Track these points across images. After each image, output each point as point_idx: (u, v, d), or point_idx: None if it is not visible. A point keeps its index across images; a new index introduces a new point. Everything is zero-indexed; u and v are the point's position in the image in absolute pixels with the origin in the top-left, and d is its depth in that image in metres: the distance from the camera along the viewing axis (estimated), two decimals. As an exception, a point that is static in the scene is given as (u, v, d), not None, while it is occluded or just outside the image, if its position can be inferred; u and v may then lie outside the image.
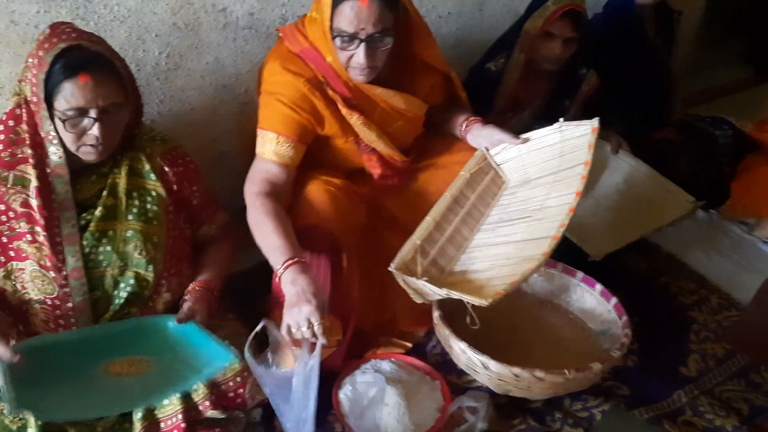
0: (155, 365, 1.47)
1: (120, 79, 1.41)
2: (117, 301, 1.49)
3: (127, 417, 1.45)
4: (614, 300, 1.76)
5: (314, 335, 1.39)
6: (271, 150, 1.63)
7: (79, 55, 1.35)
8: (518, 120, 2.16)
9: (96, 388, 1.40)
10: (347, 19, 1.51)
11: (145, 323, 1.50)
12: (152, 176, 1.53)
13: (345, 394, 1.63)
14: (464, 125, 1.87)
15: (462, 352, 1.58)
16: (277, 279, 1.49)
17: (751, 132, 2.36)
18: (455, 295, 1.47)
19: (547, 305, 1.90)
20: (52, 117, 1.37)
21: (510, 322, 1.84)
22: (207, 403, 1.46)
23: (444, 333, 1.62)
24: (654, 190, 2.16)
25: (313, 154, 1.72)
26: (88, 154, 1.41)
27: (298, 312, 1.39)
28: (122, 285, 1.48)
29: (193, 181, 1.61)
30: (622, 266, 2.12)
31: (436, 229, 1.67)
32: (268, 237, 1.53)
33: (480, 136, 1.84)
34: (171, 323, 1.49)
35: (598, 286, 1.81)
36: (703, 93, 3.21)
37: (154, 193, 1.53)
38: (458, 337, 1.58)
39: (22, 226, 1.40)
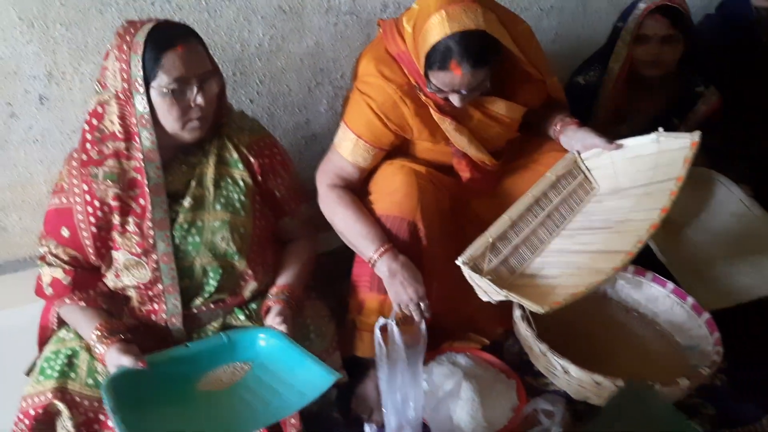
0: (248, 378, 1.46)
1: (206, 49, 1.46)
2: (207, 288, 1.53)
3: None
4: (706, 315, 1.68)
5: (422, 315, 1.50)
6: (349, 150, 1.65)
7: (168, 29, 1.40)
8: (616, 135, 2.09)
9: (195, 410, 1.38)
10: (441, 82, 1.51)
11: (236, 337, 1.51)
12: (240, 166, 1.55)
13: (423, 386, 1.64)
14: (558, 126, 1.80)
15: (542, 354, 1.55)
16: (371, 265, 1.52)
17: None
18: (514, 297, 1.44)
19: (632, 314, 1.84)
20: (148, 98, 1.40)
21: (593, 328, 1.80)
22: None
23: (525, 333, 1.60)
24: None
25: (400, 148, 1.72)
26: (193, 130, 1.45)
27: (404, 293, 1.50)
28: (211, 274, 1.52)
29: (278, 173, 1.62)
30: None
31: (511, 228, 1.64)
32: (353, 226, 1.57)
33: (573, 138, 1.77)
34: (262, 335, 1.49)
35: (690, 299, 1.74)
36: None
37: (241, 183, 1.55)
38: (539, 339, 1.56)
39: (116, 218, 1.45)
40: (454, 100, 1.54)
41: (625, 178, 1.72)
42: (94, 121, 1.43)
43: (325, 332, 1.59)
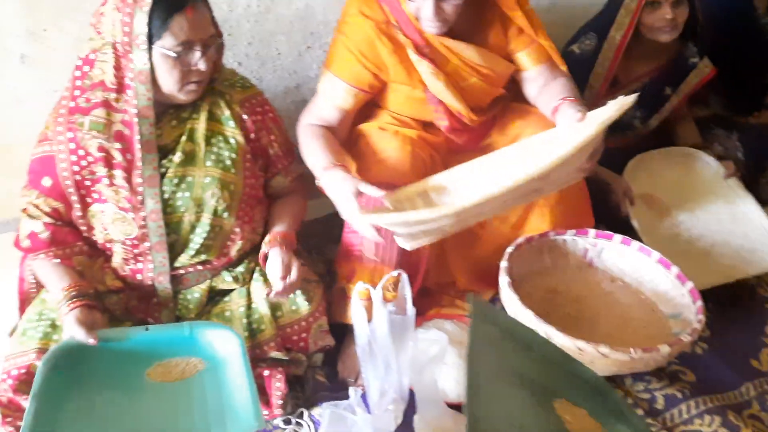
0: (196, 379, 1.40)
1: (211, 12, 1.43)
2: (192, 245, 1.52)
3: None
4: (690, 284, 1.70)
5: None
6: (328, 90, 1.64)
7: None
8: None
9: (138, 400, 1.34)
10: None
11: (198, 331, 1.45)
12: (231, 123, 1.54)
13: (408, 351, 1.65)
14: (555, 108, 1.65)
15: (527, 321, 1.56)
16: (317, 183, 1.53)
17: None
18: (389, 218, 1.42)
19: (617, 282, 1.85)
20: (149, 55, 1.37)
21: (578, 296, 1.82)
22: (272, 343, 1.51)
23: (511, 300, 1.61)
24: (756, 232, 2.02)
25: (386, 101, 1.71)
26: (190, 92, 1.43)
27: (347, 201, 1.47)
28: (198, 230, 1.52)
29: (271, 130, 1.62)
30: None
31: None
32: (312, 147, 1.57)
33: (564, 117, 1.62)
34: (225, 336, 1.44)
35: (674, 269, 1.75)
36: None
37: (232, 140, 1.54)
38: (524, 305, 1.57)
39: (100, 170, 1.43)
40: (427, 8, 1.50)
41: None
42: (86, 68, 1.41)
43: (312, 296, 1.60)
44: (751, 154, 2.19)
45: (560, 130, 1.60)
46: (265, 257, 1.54)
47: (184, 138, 1.49)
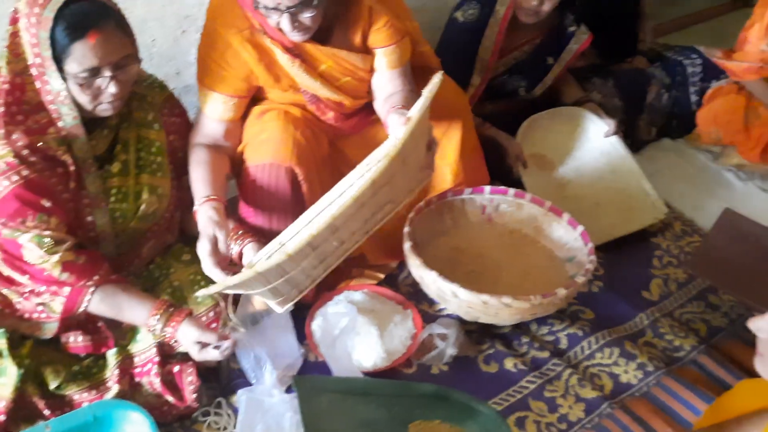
0: None
1: (125, 28, 1.36)
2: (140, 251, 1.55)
3: (101, 355, 1.47)
4: (581, 228, 1.79)
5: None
6: (206, 104, 1.61)
7: (81, 9, 1.28)
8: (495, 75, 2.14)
9: None
10: None
11: (103, 415, 1.32)
12: (156, 126, 1.52)
13: (317, 324, 1.67)
14: (385, 119, 1.63)
15: (432, 282, 1.61)
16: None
17: (719, 60, 2.36)
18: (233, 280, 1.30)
19: (516, 235, 1.93)
20: (62, 75, 1.30)
21: (480, 251, 1.88)
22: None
23: (415, 263, 1.65)
24: (634, 190, 2.12)
25: (266, 95, 1.69)
26: (105, 111, 1.38)
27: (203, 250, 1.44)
28: (139, 237, 1.52)
29: (183, 134, 1.61)
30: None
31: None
32: (194, 181, 1.54)
33: (392, 124, 1.56)
34: (132, 416, 1.32)
35: (566, 215, 1.84)
36: (678, 21, 3.19)
37: (158, 143, 1.52)
38: (428, 267, 1.61)
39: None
40: (284, 23, 1.47)
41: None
42: (18, 93, 1.32)
43: None
44: (627, 98, 2.31)
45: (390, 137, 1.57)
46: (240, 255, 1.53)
47: (118, 147, 1.47)
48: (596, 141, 2.20)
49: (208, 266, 1.41)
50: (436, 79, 1.42)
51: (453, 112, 1.81)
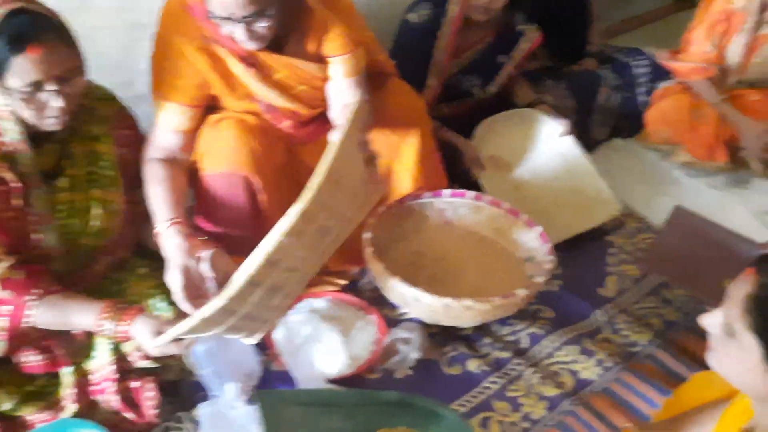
0: None
1: (69, 39, 1.32)
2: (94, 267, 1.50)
3: (55, 374, 1.43)
4: (538, 228, 1.82)
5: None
6: (163, 117, 1.58)
7: (20, 22, 1.24)
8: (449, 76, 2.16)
9: None
10: (216, 2, 1.41)
11: None
12: (106, 139, 1.49)
13: (279, 334, 1.65)
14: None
15: (394, 287, 1.61)
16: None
17: (665, 61, 2.44)
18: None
19: (476, 237, 1.95)
20: (4, 90, 1.26)
21: (441, 254, 1.90)
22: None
23: (376, 269, 1.65)
24: (589, 188, 2.17)
25: (221, 104, 1.67)
26: (51, 125, 1.34)
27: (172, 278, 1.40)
28: (91, 253, 1.48)
29: (135, 147, 1.57)
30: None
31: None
32: (152, 199, 1.51)
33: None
34: None
35: (523, 216, 1.87)
36: (625, 23, 3.27)
37: (109, 157, 1.49)
38: (390, 272, 1.61)
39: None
40: (238, 33, 1.46)
41: None
42: None
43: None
44: (579, 99, 2.36)
45: None
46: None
47: (65, 162, 1.43)
48: (551, 142, 2.24)
49: (181, 300, 1.37)
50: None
51: (410, 117, 1.82)
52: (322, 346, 1.60)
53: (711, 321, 0.97)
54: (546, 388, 1.62)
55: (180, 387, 1.53)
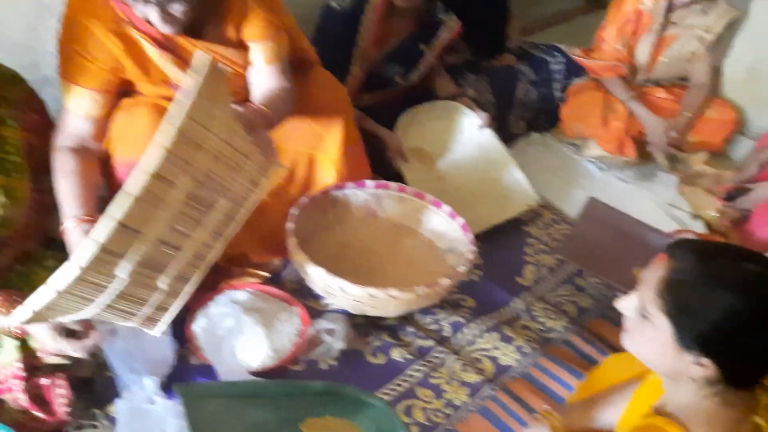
0: None
1: None
2: None
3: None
4: (460, 220, 1.85)
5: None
6: (72, 102, 1.51)
7: None
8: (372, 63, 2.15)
9: None
10: None
11: None
12: (11, 123, 1.40)
13: (199, 326, 1.61)
14: None
15: (319, 277, 1.60)
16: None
17: (579, 58, 2.53)
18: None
19: (400, 228, 1.96)
20: None
21: (365, 246, 1.90)
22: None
23: (300, 260, 1.63)
24: (508, 180, 2.22)
25: (137, 89, 1.60)
26: None
27: None
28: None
29: (42, 132, 1.48)
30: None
31: None
32: (60, 192, 1.45)
33: None
34: None
35: (446, 207, 1.89)
36: (541, 20, 3.36)
37: (13, 142, 1.40)
38: (315, 263, 1.60)
39: None
40: (153, 17, 1.41)
41: None
42: None
43: None
44: (498, 93, 2.42)
45: None
46: None
47: None
48: (471, 134, 2.29)
49: None
50: (206, 62, 1.23)
51: (333, 106, 1.81)
52: (245, 338, 1.56)
53: (626, 304, 1.02)
54: (467, 374, 1.65)
55: (94, 383, 1.47)
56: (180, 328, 1.60)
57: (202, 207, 1.31)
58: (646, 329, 0.97)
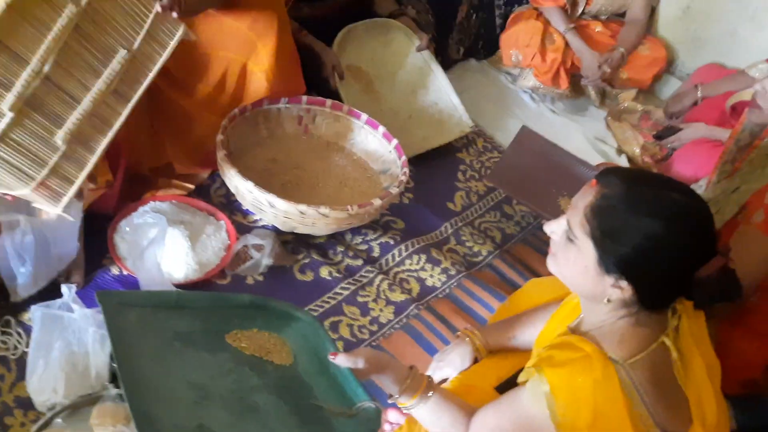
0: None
1: None
2: None
3: None
4: (395, 141, 1.84)
5: None
6: None
7: None
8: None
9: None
10: None
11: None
12: None
13: (121, 236, 1.55)
14: None
15: (248, 192, 1.56)
16: None
17: (522, -14, 2.51)
18: None
19: (333, 147, 1.93)
20: None
21: (297, 163, 1.86)
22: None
23: (229, 173, 1.58)
24: (444, 104, 2.21)
25: None
26: None
27: None
28: None
29: None
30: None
31: None
32: None
33: None
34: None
35: (381, 128, 1.87)
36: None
37: None
38: (244, 177, 1.56)
39: None
40: None
41: None
42: None
43: None
44: (439, 15, 2.37)
45: None
46: None
47: None
48: (410, 55, 2.25)
49: None
50: None
51: (267, 15, 1.72)
52: (169, 249, 1.52)
53: (554, 227, 1.04)
54: (394, 293, 1.68)
55: (8, 290, 1.40)
56: (101, 238, 1.54)
57: (98, 53, 1.25)
58: (571, 252, 1.00)
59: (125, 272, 1.52)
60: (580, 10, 2.51)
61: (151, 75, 1.34)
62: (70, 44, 1.20)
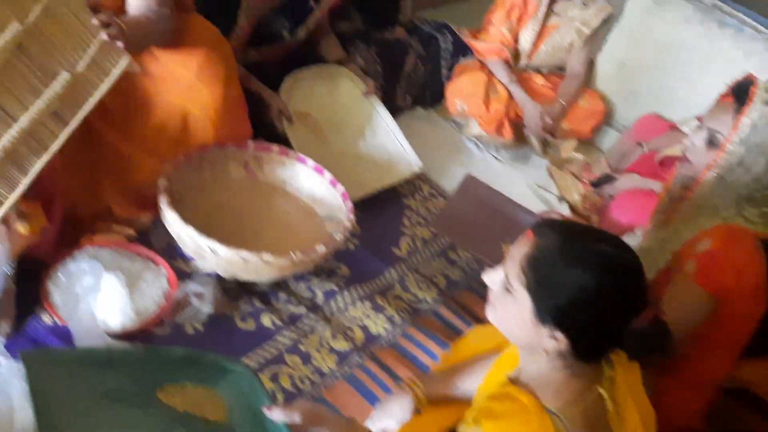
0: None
1: None
2: None
3: None
4: (341, 188, 1.85)
5: None
6: None
7: None
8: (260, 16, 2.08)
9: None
10: None
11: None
12: None
13: (55, 284, 1.50)
14: None
15: (189, 238, 1.54)
16: None
17: (466, 39, 2.58)
18: None
19: (278, 191, 1.92)
20: None
21: (240, 208, 1.84)
22: None
23: (171, 218, 1.56)
24: (392, 146, 2.25)
25: None
26: None
27: None
28: None
29: None
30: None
31: None
32: None
33: None
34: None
35: (328, 174, 1.88)
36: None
37: None
38: (186, 222, 1.53)
39: None
40: None
41: None
42: None
43: None
44: (387, 65, 2.42)
45: None
46: None
47: None
48: (357, 100, 2.28)
49: None
50: None
51: (214, 60, 1.72)
52: (105, 297, 1.48)
53: (493, 277, 1.06)
54: (337, 342, 1.66)
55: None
56: (34, 285, 1.48)
57: (40, 72, 1.24)
58: (508, 302, 1.01)
59: (59, 323, 1.46)
60: (523, 63, 2.61)
61: (92, 100, 1.34)
62: (12, 62, 1.20)
